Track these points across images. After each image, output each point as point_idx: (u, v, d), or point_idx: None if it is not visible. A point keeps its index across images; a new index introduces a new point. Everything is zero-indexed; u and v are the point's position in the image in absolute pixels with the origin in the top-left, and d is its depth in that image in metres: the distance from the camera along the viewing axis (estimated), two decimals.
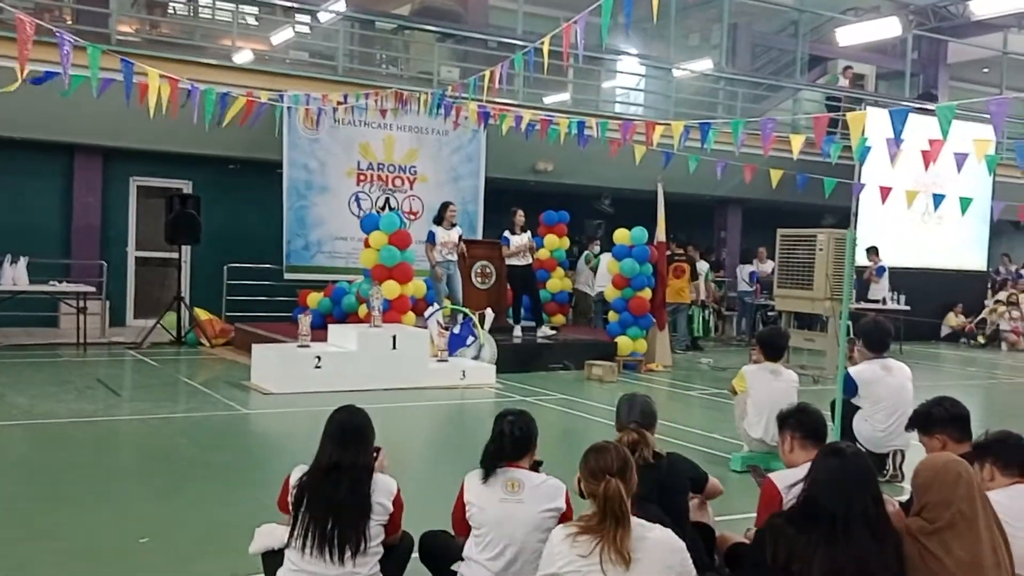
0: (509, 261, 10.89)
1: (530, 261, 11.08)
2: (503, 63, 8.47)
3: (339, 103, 11.27)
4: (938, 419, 3.61)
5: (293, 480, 3.27)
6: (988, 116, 5.39)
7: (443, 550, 3.43)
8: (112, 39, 12.10)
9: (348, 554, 3.11)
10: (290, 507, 3.25)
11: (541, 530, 3.14)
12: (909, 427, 3.86)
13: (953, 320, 17.04)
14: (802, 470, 3.11)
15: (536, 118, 9.94)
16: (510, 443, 3.30)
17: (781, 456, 3.69)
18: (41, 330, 11.74)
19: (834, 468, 2.84)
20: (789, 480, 3.29)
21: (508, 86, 14.09)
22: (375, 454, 3.36)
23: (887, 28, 17.16)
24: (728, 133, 8.01)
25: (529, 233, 11.05)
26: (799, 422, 3.58)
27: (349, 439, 3.22)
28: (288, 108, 10.97)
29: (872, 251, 14.03)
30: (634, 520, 2.69)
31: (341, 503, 3.14)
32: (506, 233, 10.86)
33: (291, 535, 3.21)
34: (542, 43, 7.19)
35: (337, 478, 3.17)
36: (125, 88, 7.32)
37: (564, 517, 3.20)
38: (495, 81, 8.86)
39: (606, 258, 12.60)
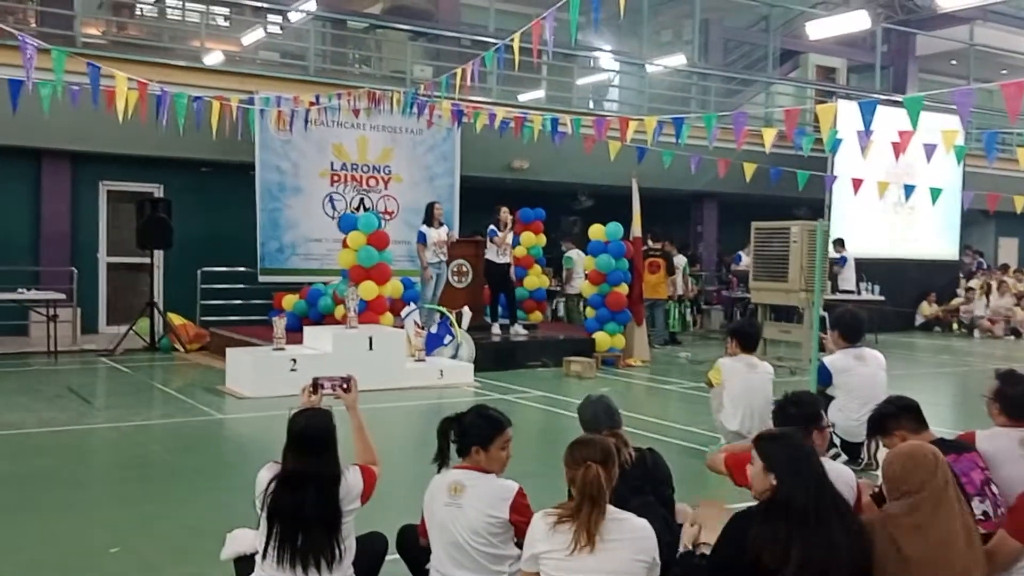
0: (488, 256, 10.83)
1: (510, 260, 11.09)
2: (475, 60, 8.43)
3: (311, 104, 11.12)
4: (889, 416, 3.61)
5: (262, 481, 3.17)
6: (955, 107, 5.45)
7: (420, 545, 3.38)
8: (78, 42, 11.97)
9: (323, 565, 3.05)
10: (258, 511, 3.15)
11: (483, 535, 3.11)
12: (869, 435, 3.76)
13: (927, 309, 17.22)
14: None
15: (510, 116, 9.93)
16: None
17: None
18: (10, 339, 11.48)
19: (796, 455, 2.86)
20: None
21: (481, 84, 14.10)
22: (345, 385, 3.37)
23: (856, 21, 17.44)
24: (701, 128, 8.04)
25: (512, 236, 11.03)
26: (801, 414, 3.54)
27: (308, 448, 3.09)
28: (260, 110, 10.84)
29: (837, 243, 14.05)
30: (610, 508, 2.75)
31: (308, 517, 3.05)
32: (492, 227, 10.80)
33: (261, 543, 3.12)
34: (512, 40, 7.16)
35: (301, 489, 3.06)
36: (92, 93, 7.22)
37: (518, 528, 3.09)
38: (467, 79, 8.82)
39: (577, 256, 12.67)
